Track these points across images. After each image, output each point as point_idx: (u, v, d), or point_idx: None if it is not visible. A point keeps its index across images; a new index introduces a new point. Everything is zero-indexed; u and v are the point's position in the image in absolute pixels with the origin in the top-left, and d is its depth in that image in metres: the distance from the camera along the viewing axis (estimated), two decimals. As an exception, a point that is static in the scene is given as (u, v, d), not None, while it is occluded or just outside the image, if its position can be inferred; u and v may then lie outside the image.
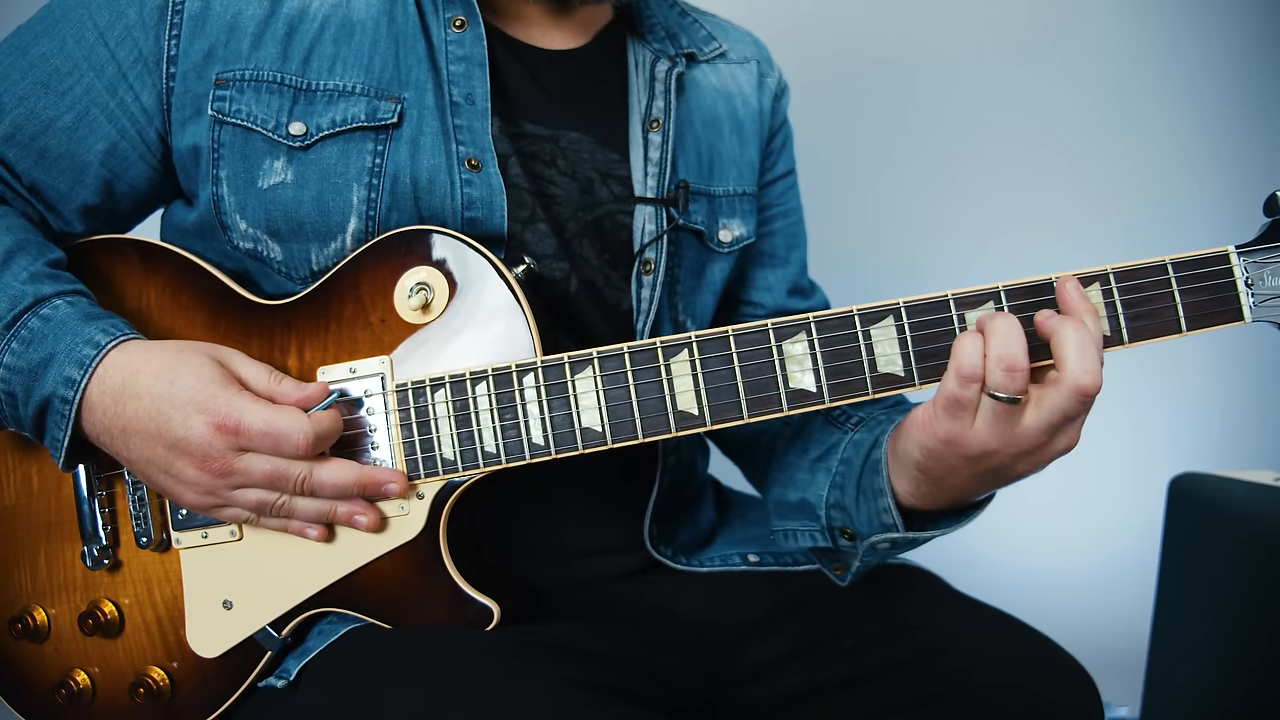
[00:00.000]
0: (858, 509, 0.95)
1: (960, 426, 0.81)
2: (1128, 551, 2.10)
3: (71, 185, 0.97)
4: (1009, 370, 0.78)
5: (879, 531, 0.92)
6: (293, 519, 0.89)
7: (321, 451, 0.87)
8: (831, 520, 0.98)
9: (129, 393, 0.85)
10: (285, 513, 0.88)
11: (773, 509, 1.08)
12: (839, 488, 0.97)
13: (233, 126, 0.95)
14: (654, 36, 1.12)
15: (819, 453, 1.03)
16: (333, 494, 0.87)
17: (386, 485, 0.88)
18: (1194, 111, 2.21)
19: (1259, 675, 1.41)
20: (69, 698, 0.94)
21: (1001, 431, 0.80)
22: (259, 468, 0.85)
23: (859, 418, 1.05)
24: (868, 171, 2.20)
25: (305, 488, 0.86)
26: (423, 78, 0.98)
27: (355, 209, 0.94)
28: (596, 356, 0.88)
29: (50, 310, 0.88)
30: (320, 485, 0.87)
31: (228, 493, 0.87)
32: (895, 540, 0.92)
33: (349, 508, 0.89)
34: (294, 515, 0.89)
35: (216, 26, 0.95)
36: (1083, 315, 0.80)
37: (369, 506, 0.89)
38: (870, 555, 0.95)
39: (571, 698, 0.80)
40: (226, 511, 0.89)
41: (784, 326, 0.87)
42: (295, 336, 0.93)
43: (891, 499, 0.90)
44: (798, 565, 1.10)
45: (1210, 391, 2.25)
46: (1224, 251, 0.85)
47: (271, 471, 0.85)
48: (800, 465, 1.05)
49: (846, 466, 0.97)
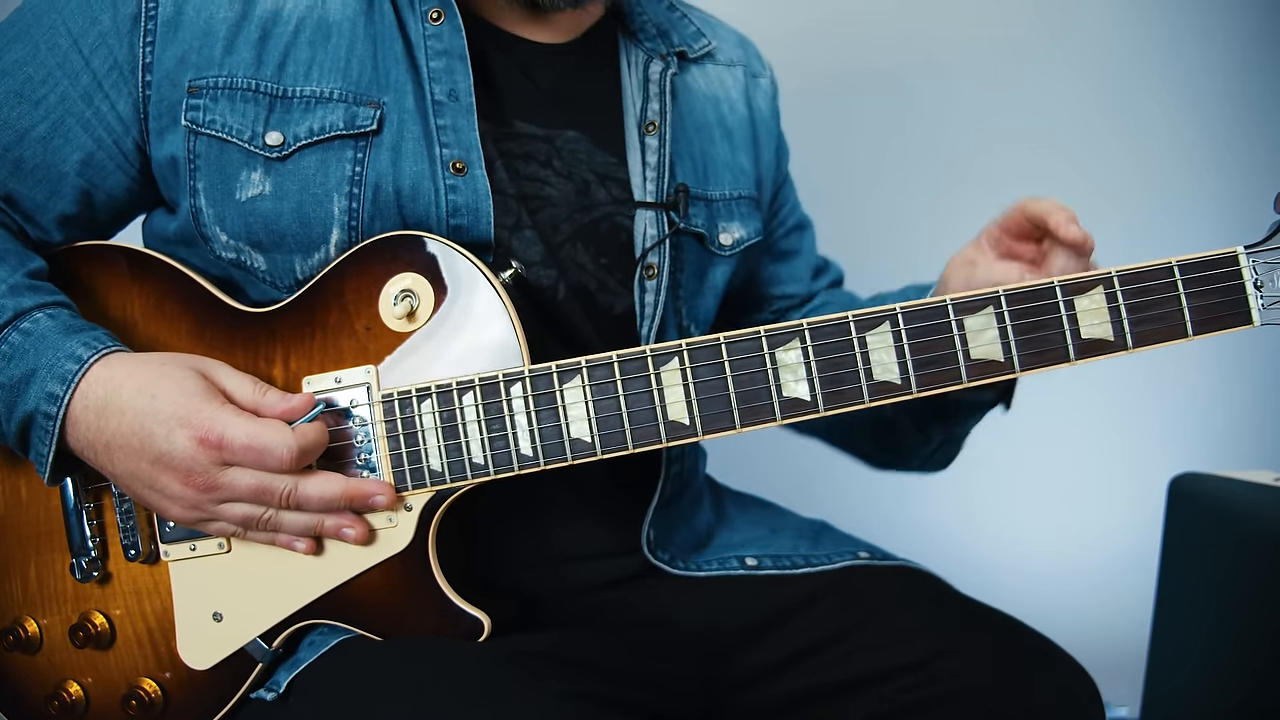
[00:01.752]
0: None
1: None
2: (1128, 551, 2.09)
3: (48, 196, 0.96)
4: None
5: None
6: (280, 533, 0.88)
7: (308, 464, 0.86)
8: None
9: (112, 408, 0.84)
10: (272, 526, 0.87)
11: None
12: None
13: (208, 137, 0.93)
14: (645, 34, 1.11)
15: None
16: (319, 508, 0.87)
17: (374, 497, 0.87)
18: (1194, 111, 2.20)
19: (1259, 675, 1.40)
20: (62, 709, 0.94)
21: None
22: (243, 482, 0.84)
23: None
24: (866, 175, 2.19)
25: (291, 502, 0.85)
26: (402, 79, 0.96)
27: (337, 219, 0.93)
28: (585, 365, 0.87)
29: (30, 324, 0.86)
30: (306, 499, 0.86)
31: (213, 507, 0.86)
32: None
33: (336, 521, 0.88)
34: (281, 529, 0.88)
35: (189, 32, 0.93)
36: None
37: (356, 519, 0.88)
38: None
39: (565, 711, 0.80)
40: (213, 525, 0.88)
41: (777, 333, 0.86)
42: (280, 345, 0.92)
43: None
44: (796, 568, 1.09)
45: (1210, 391, 2.24)
46: (1233, 252, 0.84)
47: (256, 486, 0.84)
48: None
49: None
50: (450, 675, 0.82)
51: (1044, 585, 2.09)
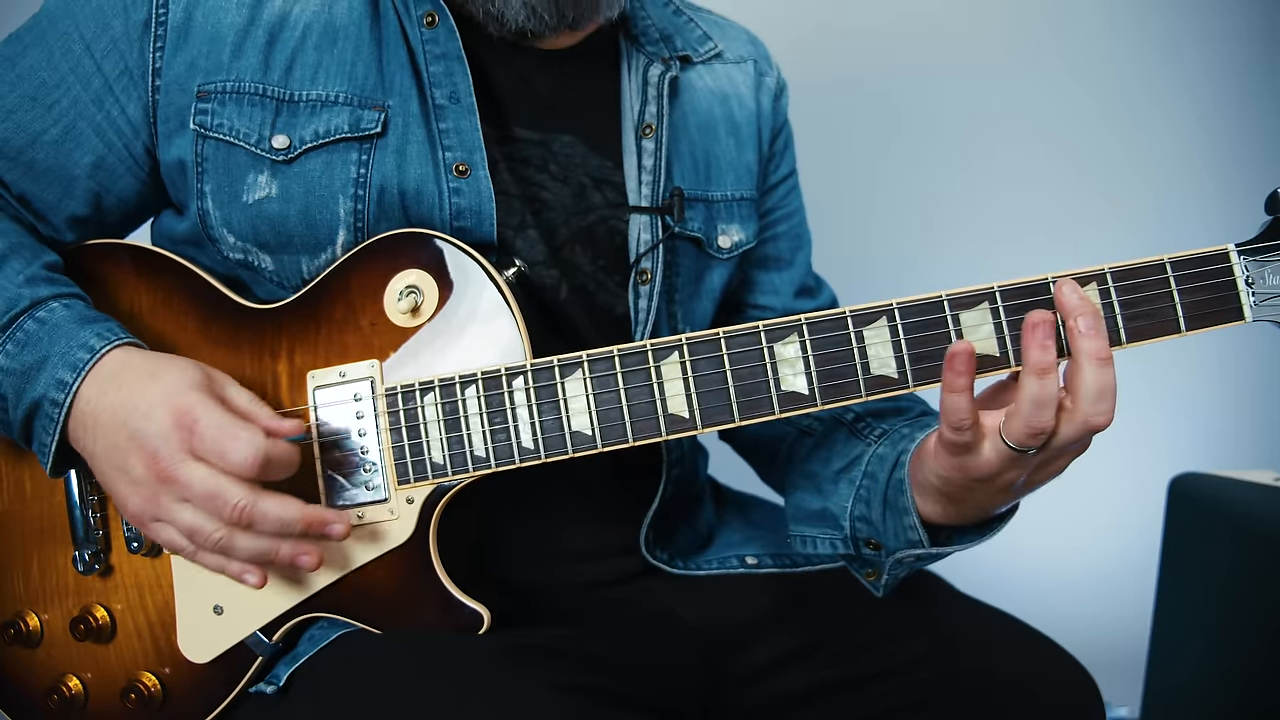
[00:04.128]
0: (884, 524, 0.95)
1: (969, 459, 0.82)
2: (1128, 551, 2.10)
3: (60, 197, 0.97)
4: (1034, 435, 0.79)
5: (905, 547, 0.92)
6: (232, 557, 0.84)
7: (271, 479, 0.83)
8: (857, 531, 0.98)
9: (113, 384, 0.84)
10: (222, 548, 0.82)
11: (791, 514, 1.08)
12: (864, 501, 0.97)
13: (215, 140, 0.94)
14: (647, 39, 1.11)
15: (842, 464, 1.03)
16: (274, 528, 0.82)
17: (331, 526, 0.84)
18: (1194, 111, 2.20)
19: (1259, 675, 1.40)
20: (62, 703, 0.94)
21: (1014, 459, 0.81)
22: (199, 480, 0.80)
23: (882, 429, 1.03)
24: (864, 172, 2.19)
25: (245, 517, 0.80)
26: (406, 84, 0.97)
27: (343, 220, 0.94)
28: (586, 359, 0.87)
29: (46, 313, 0.87)
30: (262, 516, 0.81)
31: (166, 502, 0.82)
32: (920, 555, 0.92)
33: (293, 548, 0.83)
34: (233, 553, 0.83)
35: (199, 37, 0.94)
36: (1097, 335, 0.80)
37: (313, 547, 0.84)
38: (898, 569, 0.96)
39: (565, 704, 0.80)
40: (162, 530, 0.84)
41: (775, 328, 0.86)
42: (286, 340, 0.93)
43: (917, 518, 0.90)
44: (796, 567, 1.09)
45: (1210, 391, 2.24)
46: (1223, 250, 0.84)
47: (212, 488, 0.80)
48: (823, 475, 1.05)
49: (871, 480, 0.97)
50: (450, 668, 0.83)
51: (1044, 585, 2.09)
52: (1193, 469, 1.65)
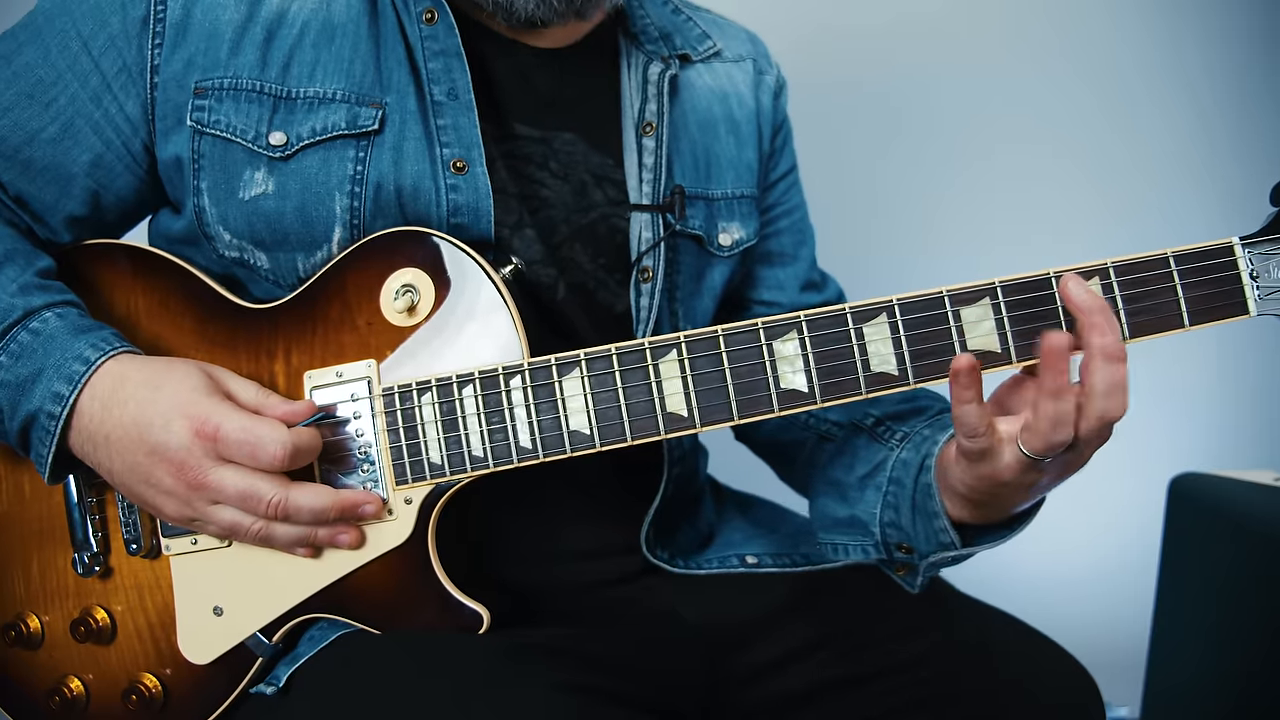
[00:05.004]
0: (915, 528, 0.95)
1: (991, 466, 0.82)
2: (1128, 551, 2.09)
3: (58, 197, 0.97)
4: (1053, 449, 0.79)
5: (937, 549, 0.93)
6: (273, 546, 0.89)
7: (300, 466, 0.86)
8: (888, 537, 0.98)
9: (116, 399, 0.85)
10: (263, 539, 0.87)
11: (818, 522, 1.08)
12: (893, 507, 0.97)
13: (212, 137, 0.94)
14: (647, 37, 1.11)
15: (866, 470, 1.03)
16: (310, 519, 0.86)
17: (362, 507, 0.88)
18: (1194, 110, 2.20)
19: (1259, 675, 1.40)
20: (63, 704, 0.94)
21: (1034, 463, 0.81)
22: (231, 483, 0.84)
23: (903, 432, 1.03)
24: (864, 172, 2.19)
25: (280, 511, 0.85)
26: (404, 81, 0.97)
27: (339, 218, 0.94)
28: (584, 358, 0.87)
29: (40, 324, 0.87)
30: (297, 510, 0.85)
31: (203, 507, 0.85)
32: (956, 556, 0.93)
33: (330, 531, 0.88)
34: (274, 542, 0.88)
35: (197, 34, 0.94)
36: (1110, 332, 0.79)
37: (350, 526, 0.88)
38: (931, 570, 0.97)
39: (566, 703, 0.80)
40: (204, 528, 0.89)
41: (774, 325, 0.86)
42: (282, 340, 0.93)
43: (947, 520, 0.90)
44: (796, 567, 1.09)
45: (1210, 391, 2.24)
46: (1228, 243, 0.84)
47: (245, 490, 0.84)
48: (848, 482, 1.04)
49: (897, 487, 0.97)
50: (450, 667, 0.83)
51: (1044, 585, 2.09)
52: (1193, 469, 1.64)
